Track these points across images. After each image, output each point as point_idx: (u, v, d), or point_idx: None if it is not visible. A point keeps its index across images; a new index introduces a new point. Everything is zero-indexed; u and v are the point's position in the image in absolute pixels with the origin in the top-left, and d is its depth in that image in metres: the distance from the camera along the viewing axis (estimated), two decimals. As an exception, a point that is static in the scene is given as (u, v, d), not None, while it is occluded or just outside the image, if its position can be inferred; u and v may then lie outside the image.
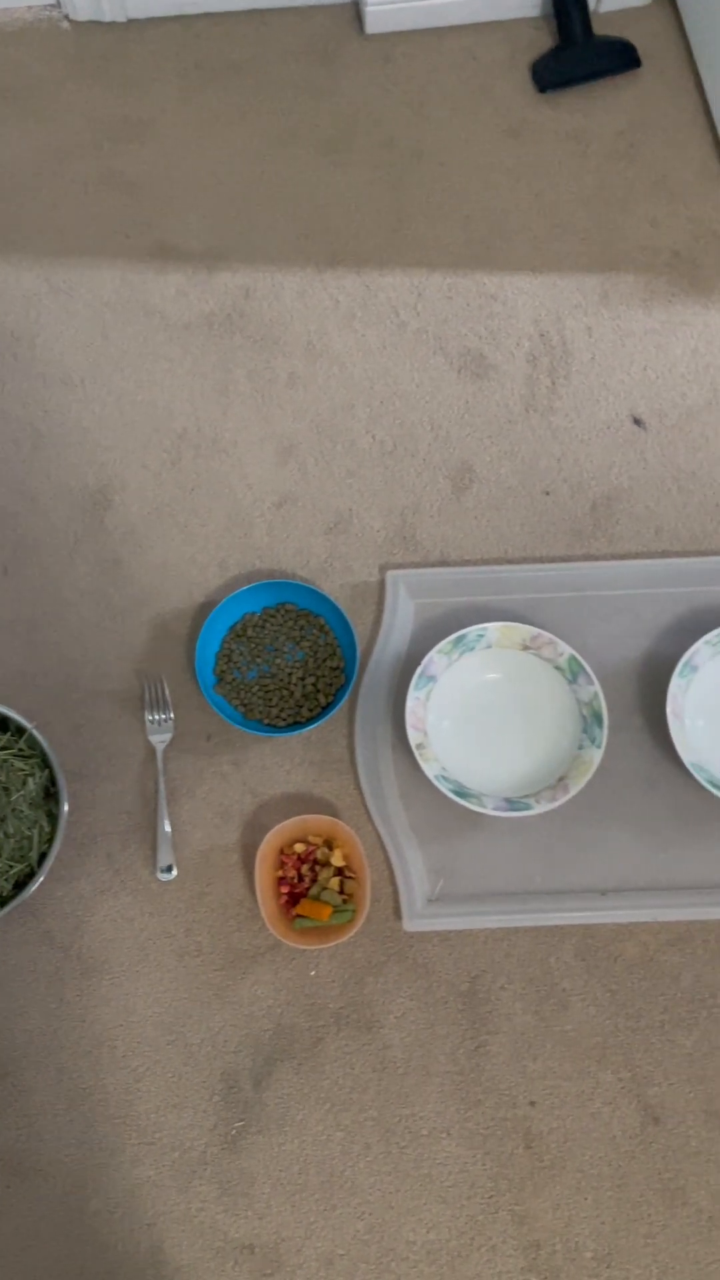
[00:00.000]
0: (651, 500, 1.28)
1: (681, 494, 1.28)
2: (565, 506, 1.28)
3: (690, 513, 1.27)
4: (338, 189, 1.42)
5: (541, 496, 1.29)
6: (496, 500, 1.29)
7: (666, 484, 1.29)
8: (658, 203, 1.40)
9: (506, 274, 1.37)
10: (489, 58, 1.48)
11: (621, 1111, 1.09)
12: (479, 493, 1.29)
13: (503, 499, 1.29)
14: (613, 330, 1.35)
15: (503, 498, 1.29)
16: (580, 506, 1.28)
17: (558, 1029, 1.11)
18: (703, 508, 1.27)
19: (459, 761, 1.17)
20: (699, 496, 1.28)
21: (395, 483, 1.30)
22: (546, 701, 1.18)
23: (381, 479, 1.30)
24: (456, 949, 1.13)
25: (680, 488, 1.28)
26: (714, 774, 1.14)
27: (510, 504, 1.29)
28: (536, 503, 1.29)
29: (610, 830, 1.16)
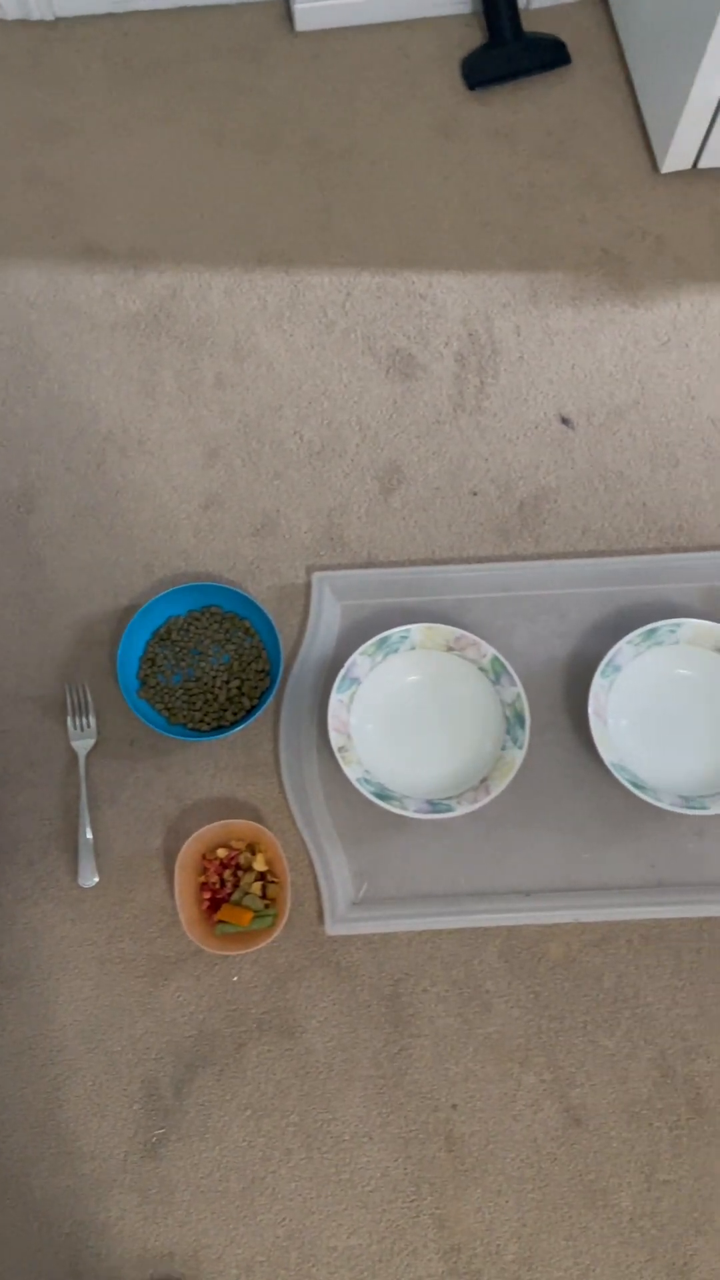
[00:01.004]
0: (578, 500, 1.28)
1: (608, 493, 1.28)
2: (493, 506, 1.28)
3: (617, 512, 1.27)
4: (266, 188, 1.41)
5: (469, 497, 1.28)
6: (424, 501, 1.28)
7: (594, 483, 1.28)
8: (587, 200, 1.40)
9: (435, 273, 1.37)
10: (419, 55, 1.47)
11: (544, 1113, 1.08)
12: (407, 493, 1.29)
13: (430, 499, 1.28)
14: (541, 329, 1.34)
15: (430, 498, 1.28)
16: (507, 506, 1.28)
17: (480, 1031, 1.11)
18: (629, 507, 1.27)
19: (382, 764, 1.16)
20: (625, 496, 1.28)
21: (323, 484, 1.29)
22: (470, 703, 1.18)
23: (309, 480, 1.29)
24: (380, 952, 1.13)
25: (607, 487, 1.28)
26: (636, 774, 1.14)
27: (438, 504, 1.28)
28: (464, 503, 1.28)
29: (535, 831, 1.16)
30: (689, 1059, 1.09)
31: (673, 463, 1.29)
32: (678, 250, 1.37)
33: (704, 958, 1.12)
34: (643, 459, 1.29)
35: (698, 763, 1.15)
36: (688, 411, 1.30)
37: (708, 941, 1.12)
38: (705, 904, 1.12)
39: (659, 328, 1.34)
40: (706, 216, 1.38)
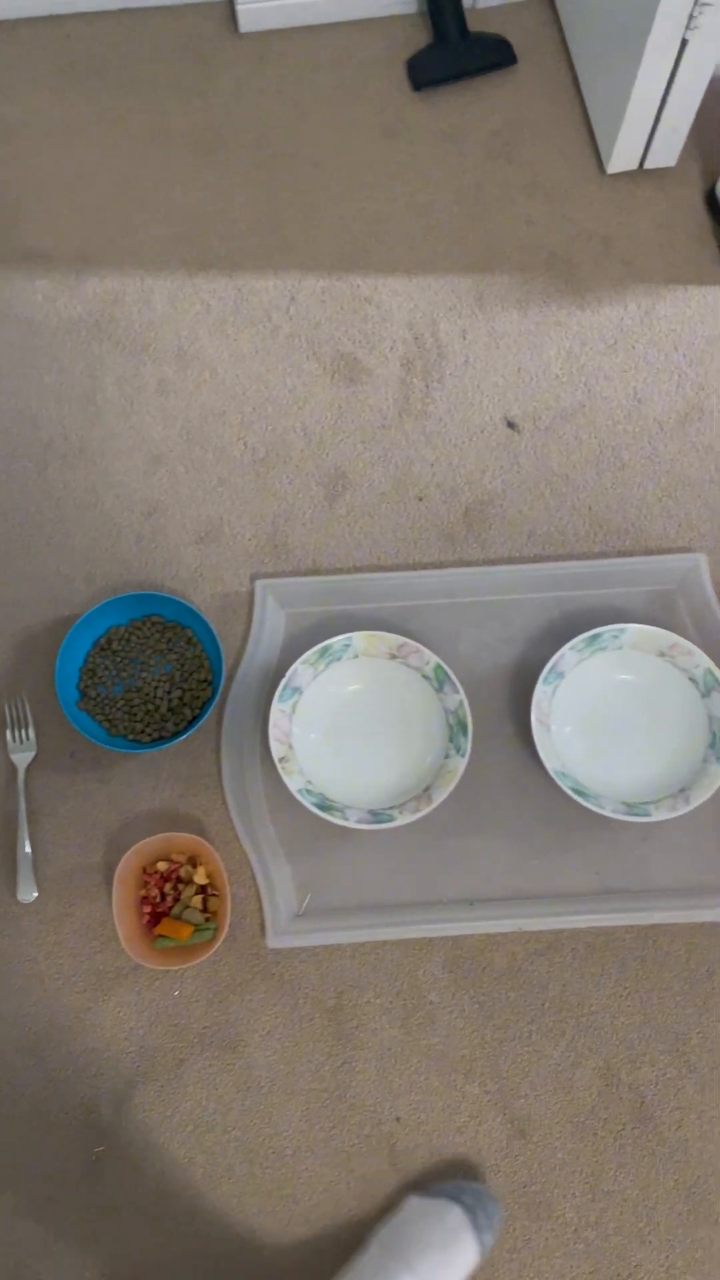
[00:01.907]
0: (524, 504, 1.27)
1: (555, 497, 1.27)
2: (438, 512, 1.27)
3: (563, 516, 1.26)
4: (210, 191, 1.39)
5: (415, 502, 1.27)
6: (369, 507, 1.27)
7: (540, 488, 1.27)
8: (534, 202, 1.39)
9: (381, 276, 1.36)
10: (365, 56, 1.46)
11: (488, 1125, 1.08)
12: (352, 499, 1.27)
13: (376, 505, 1.27)
14: (487, 332, 1.33)
15: (376, 504, 1.27)
16: (453, 512, 1.27)
17: (424, 1043, 1.10)
18: (575, 511, 1.26)
19: (325, 774, 1.15)
20: (571, 500, 1.27)
21: (267, 490, 1.28)
22: (414, 711, 1.17)
23: (253, 487, 1.28)
24: (324, 964, 1.12)
25: (553, 491, 1.27)
26: (580, 781, 1.13)
27: (383, 510, 1.27)
28: (409, 508, 1.27)
29: (480, 839, 1.15)
30: (634, 1068, 1.09)
31: (619, 466, 1.28)
32: (624, 252, 1.36)
33: (649, 965, 1.11)
34: (589, 463, 1.28)
35: (642, 769, 1.15)
36: (634, 414, 1.30)
37: (653, 949, 1.12)
38: (650, 911, 1.12)
39: (605, 330, 1.33)
40: (653, 218, 1.37)
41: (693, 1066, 1.09)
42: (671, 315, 1.33)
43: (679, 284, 1.35)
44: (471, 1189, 1.04)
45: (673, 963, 1.11)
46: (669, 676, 1.17)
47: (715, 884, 1.13)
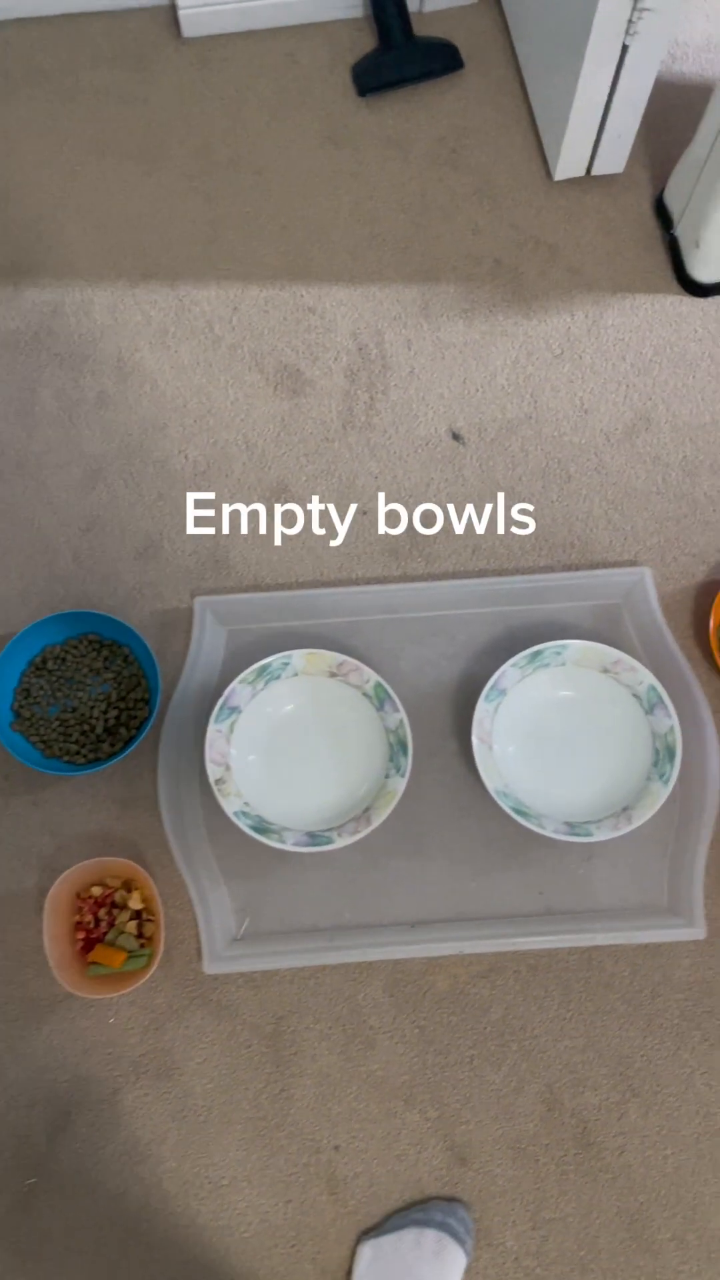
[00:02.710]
0: (469, 518, 1.25)
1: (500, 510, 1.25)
2: (382, 526, 1.25)
3: (506, 530, 1.24)
4: (151, 200, 1.37)
5: (359, 516, 1.25)
6: (312, 521, 1.25)
7: (485, 500, 1.25)
8: (480, 209, 1.37)
9: (325, 286, 1.34)
10: (309, 61, 1.43)
11: (428, 1153, 1.06)
12: (294, 513, 1.25)
13: (319, 519, 1.25)
14: (433, 343, 1.31)
15: (319, 518, 1.25)
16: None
17: (364, 1069, 1.08)
18: (518, 524, 1.24)
19: (264, 795, 1.13)
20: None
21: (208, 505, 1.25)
22: (354, 730, 1.15)
23: (194, 501, 1.25)
24: (262, 990, 1.10)
25: (498, 504, 1.25)
26: (521, 800, 1.12)
27: (327, 524, 1.25)
28: (354, 522, 1.25)
29: (421, 861, 1.13)
30: (577, 1092, 1.07)
31: (565, 478, 1.26)
32: (572, 260, 1.34)
33: (592, 987, 1.10)
34: (534, 475, 1.26)
35: (585, 787, 1.13)
36: (580, 425, 1.28)
37: (596, 971, 1.10)
38: (593, 932, 1.10)
39: (552, 340, 1.31)
40: (600, 225, 1.36)
41: (636, 1090, 1.07)
42: (619, 324, 1.32)
43: (627, 292, 1.33)
44: (435, 1205, 1.03)
45: (617, 984, 1.10)
46: (612, 693, 1.15)
47: (659, 905, 1.12)
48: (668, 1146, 1.06)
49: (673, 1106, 1.07)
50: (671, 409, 1.28)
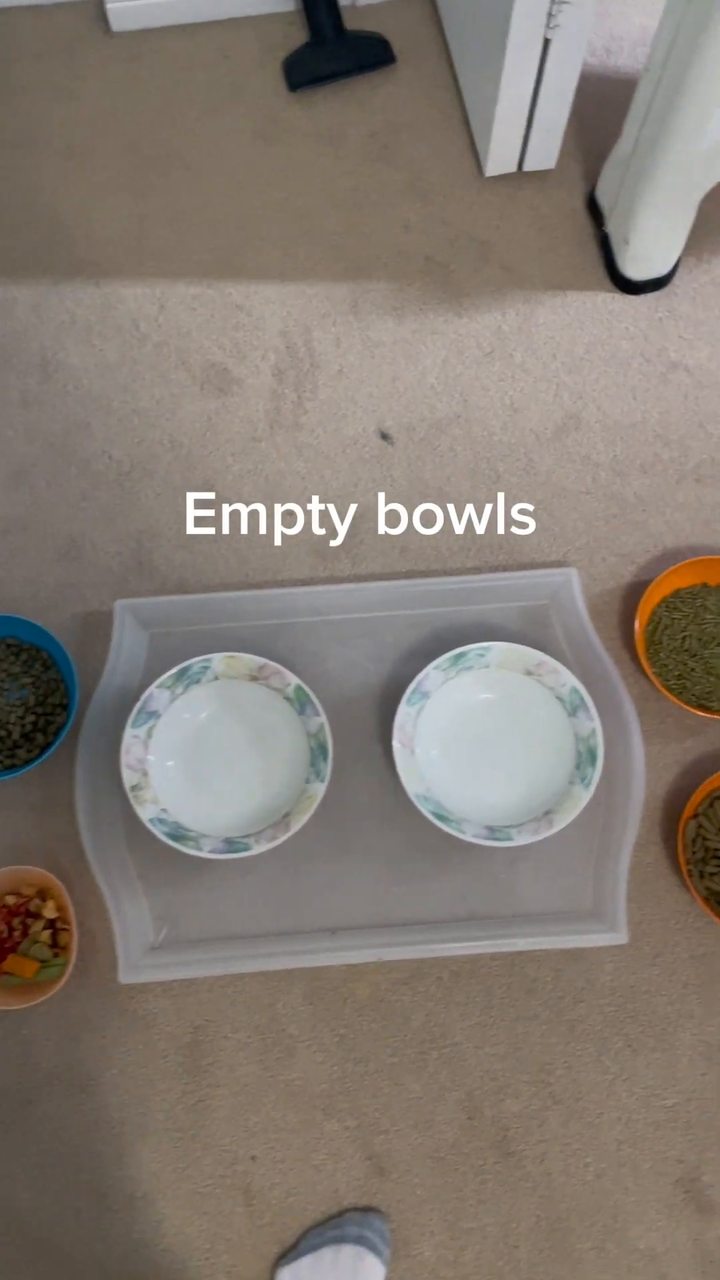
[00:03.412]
0: (397, 518, 1.23)
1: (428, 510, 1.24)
2: (309, 526, 1.23)
3: (436, 531, 1.23)
4: (79, 196, 1.35)
5: (285, 516, 1.23)
6: (239, 521, 1.23)
7: (413, 501, 1.24)
8: (411, 206, 1.35)
9: (254, 283, 1.32)
10: (240, 55, 1.41)
11: (346, 1163, 1.04)
12: (221, 514, 1.23)
13: (246, 520, 1.23)
14: (362, 341, 1.30)
15: (246, 518, 1.23)
16: (325, 526, 1.23)
17: (283, 1078, 1.06)
18: (447, 525, 1.23)
19: (183, 802, 1.11)
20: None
21: (132, 506, 1.24)
22: (275, 734, 1.13)
23: (118, 502, 1.24)
24: (180, 999, 1.08)
25: (427, 504, 1.24)
26: (443, 805, 1.10)
27: (253, 525, 1.23)
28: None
29: (343, 866, 1.12)
30: (497, 1100, 1.06)
31: (494, 479, 1.25)
32: (503, 257, 1.33)
33: (515, 993, 1.08)
34: (463, 475, 1.25)
35: (508, 791, 1.12)
36: (510, 425, 1.26)
37: (519, 976, 1.09)
38: (516, 937, 1.08)
39: (483, 338, 1.30)
40: (533, 222, 1.34)
41: (557, 1098, 1.06)
42: (551, 322, 1.30)
43: (559, 290, 1.31)
44: (350, 1218, 1.01)
45: (539, 990, 1.09)
46: (536, 695, 1.13)
47: (583, 909, 1.11)
48: (588, 1154, 1.04)
49: (594, 1114, 1.05)
50: (602, 408, 1.27)
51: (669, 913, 1.10)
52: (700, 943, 1.09)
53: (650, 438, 1.26)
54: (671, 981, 1.08)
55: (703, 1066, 1.06)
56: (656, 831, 1.13)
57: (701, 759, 1.15)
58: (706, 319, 1.30)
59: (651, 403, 1.27)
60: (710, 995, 1.08)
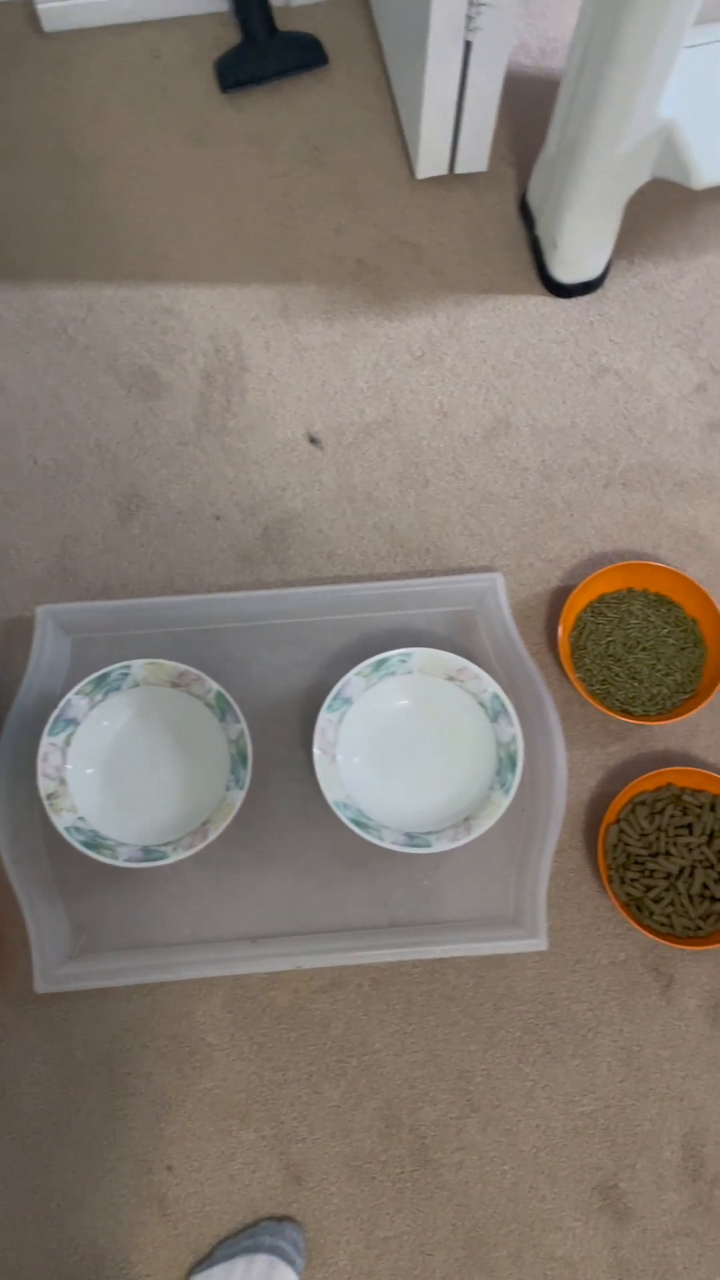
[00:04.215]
0: (325, 523, 1.23)
1: (356, 515, 1.23)
2: (237, 531, 1.23)
3: (364, 535, 1.22)
4: (6, 198, 1.34)
5: (212, 521, 1.23)
6: (165, 527, 1.23)
7: (341, 506, 1.23)
8: (343, 209, 1.35)
9: (183, 286, 1.31)
10: (173, 57, 1.40)
11: (263, 1171, 1.04)
12: (147, 519, 1.23)
13: (172, 525, 1.23)
14: (292, 344, 1.29)
15: (172, 523, 1.23)
16: (252, 531, 1.23)
17: (200, 1087, 1.06)
18: (377, 530, 1.23)
19: (101, 810, 1.10)
20: (373, 518, 1.23)
21: (57, 511, 1.23)
22: (195, 741, 1.13)
23: (42, 507, 1.23)
24: (98, 1008, 1.07)
25: (355, 509, 1.23)
26: (364, 812, 1.10)
27: (180, 530, 1.23)
28: (207, 528, 1.23)
29: (264, 874, 1.11)
30: (415, 1108, 1.05)
31: (422, 483, 1.24)
32: (435, 260, 1.32)
33: (435, 1001, 1.08)
34: (392, 480, 1.24)
35: (430, 798, 1.11)
36: (439, 430, 1.26)
37: (440, 983, 1.08)
38: (436, 945, 1.08)
39: (413, 342, 1.29)
40: (464, 225, 1.34)
41: (475, 1106, 1.05)
42: (481, 326, 1.30)
43: (489, 294, 1.31)
44: (264, 1228, 1.01)
45: (459, 998, 1.08)
46: (459, 701, 1.13)
47: (503, 916, 1.10)
48: (506, 1162, 1.04)
49: (512, 1121, 1.05)
50: (531, 412, 1.27)
51: (590, 919, 1.10)
52: (620, 948, 1.09)
53: (579, 442, 1.25)
54: (591, 988, 1.08)
55: (621, 1073, 1.06)
56: (579, 837, 1.13)
57: (625, 764, 1.15)
58: (637, 322, 1.30)
59: (581, 407, 1.27)
60: (629, 1001, 1.08)
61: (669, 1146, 1.04)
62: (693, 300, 1.31)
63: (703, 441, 1.25)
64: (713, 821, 1.10)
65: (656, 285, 1.31)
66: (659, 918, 1.08)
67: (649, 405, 1.27)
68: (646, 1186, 1.03)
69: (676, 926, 1.07)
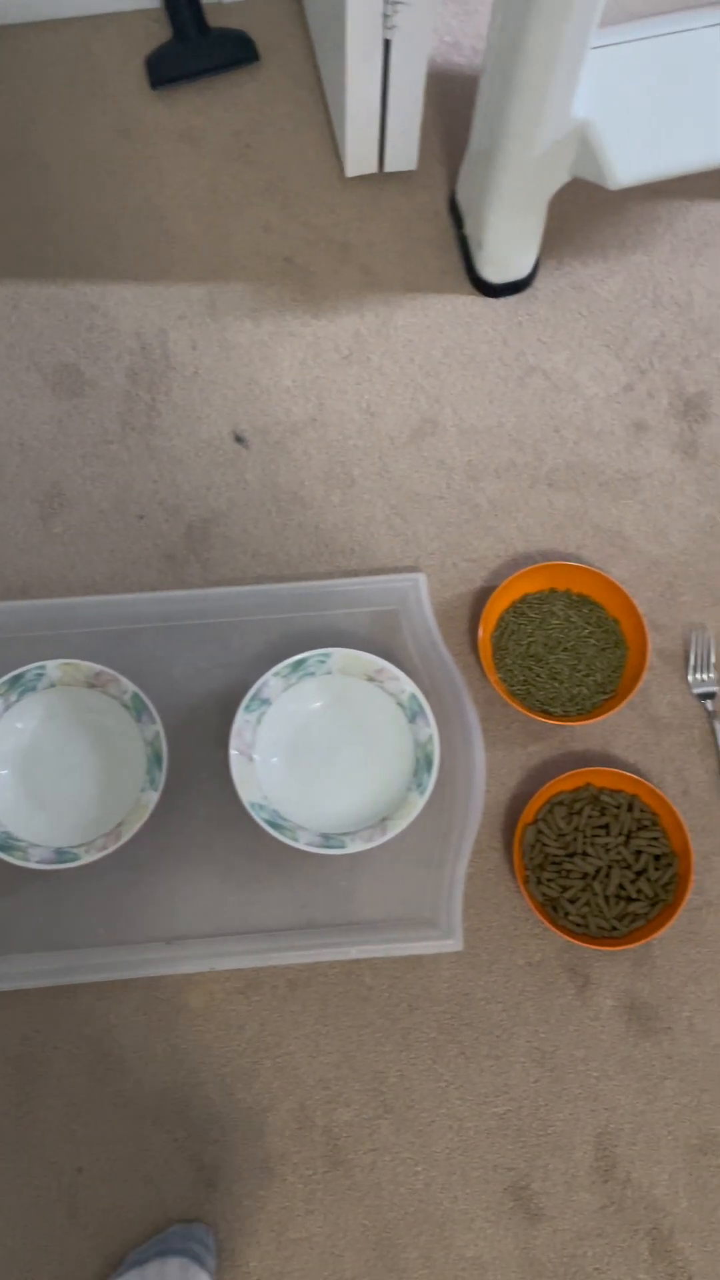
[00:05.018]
0: (249, 523, 1.22)
1: (281, 515, 1.23)
2: (160, 531, 1.22)
3: (289, 535, 1.22)
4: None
5: (135, 521, 1.22)
6: (87, 526, 1.22)
7: (266, 505, 1.23)
8: (272, 207, 1.34)
9: (110, 284, 1.30)
10: (103, 53, 1.40)
11: (175, 1173, 1.04)
12: (69, 518, 1.22)
13: (94, 524, 1.22)
14: (219, 343, 1.28)
15: (94, 523, 1.22)
16: (175, 531, 1.22)
17: (113, 1089, 1.05)
18: (301, 530, 1.22)
19: (15, 812, 1.10)
20: (298, 518, 1.22)
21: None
22: (113, 742, 1.12)
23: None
24: (9, 1010, 1.07)
25: (280, 509, 1.23)
26: (280, 813, 1.09)
27: (102, 530, 1.22)
28: (130, 528, 1.22)
29: (182, 875, 1.11)
30: (329, 1109, 1.05)
31: (348, 483, 1.24)
32: (363, 259, 1.32)
33: (350, 1001, 1.08)
34: (317, 479, 1.24)
35: (348, 799, 1.11)
36: (366, 429, 1.25)
37: (355, 984, 1.08)
38: (352, 945, 1.08)
39: (341, 341, 1.29)
40: (392, 223, 1.33)
41: (389, 1106, 1.05)
42: (409, 325, 1.29)
43: (418, 292, 1.31)
44: (175, 1232, 1.00)
45: (375, 998, 1.08)
46: (378, 701, 1.13)
47: (420, 917, 1.10)
48: (419, 1163, 1.04)
49: (425, 1122, 1.05)
50: (458, 412, 1.26)
51: (507, 919, 1.10)
52: (537, 949, 1.09)
53: (505, 442, 1.25)
54: (507, 988, 1.08)
55: (535, 1073, 1.06)
56: (499, 838, 1.13)
57: (545, 764, 1.15)
58: (565, 322, 1.30)
59: (508, 407, 1.27)
60: (544, 1001, 1.08)
61: (581, 1147, 1.05)
62: (621, 300, 1.31)
63: (628, 442, 1.25)
64: (630, 821, 1.10)
65: (585, 285, 1.31)
66: (575, 918, 1.08)
67: (576, 405, 1.27)
68: (558, 1187, 1.04)
69: (592, 927, 1.08)
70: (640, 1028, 1.07)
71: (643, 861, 1.09)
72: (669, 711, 1.16)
